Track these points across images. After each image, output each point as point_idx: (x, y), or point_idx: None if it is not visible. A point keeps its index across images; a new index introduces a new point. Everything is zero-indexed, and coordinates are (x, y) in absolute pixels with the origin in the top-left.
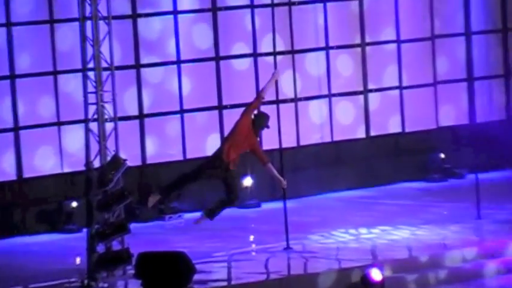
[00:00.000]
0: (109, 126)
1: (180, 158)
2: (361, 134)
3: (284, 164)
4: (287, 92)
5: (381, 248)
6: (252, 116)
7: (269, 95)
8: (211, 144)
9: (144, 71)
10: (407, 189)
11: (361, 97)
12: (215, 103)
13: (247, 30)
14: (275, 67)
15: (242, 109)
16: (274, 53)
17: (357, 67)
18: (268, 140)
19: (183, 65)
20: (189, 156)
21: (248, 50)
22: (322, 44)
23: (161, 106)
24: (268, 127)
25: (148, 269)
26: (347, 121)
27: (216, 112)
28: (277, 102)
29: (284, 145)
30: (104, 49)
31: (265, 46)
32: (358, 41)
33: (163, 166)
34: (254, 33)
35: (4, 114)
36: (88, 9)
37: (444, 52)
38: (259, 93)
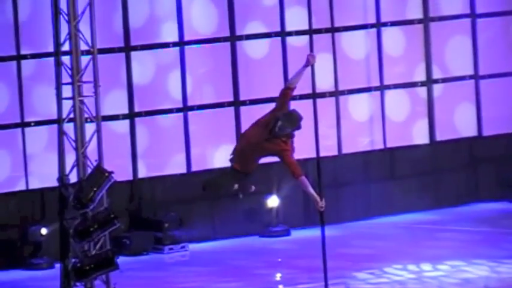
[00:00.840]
0: (90, 128)
1: (183, 170)
2: (423, 138)
3: (322, 178)
4: (322, 83)
5: None
6: (279, 115)
7: (300, 88)
8: (223, 151)
9: (135, 55)
10: (485, 211)
11: (424, 89)
12: (230, 98)
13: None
14: (311, 50)
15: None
16: (310, 31)
17: (417, 50)
18: (301, 147)
19: (186, 48)
20: (194, 168)
21: (265, 29)
22: (372, 20)
23: (158, 102)
24: (295, 130)
25: None
26: (404, 121)
27: (231, 109)
28: (312, 96)
29: (322, 153)
30: (84, 27)
31: (290, 24)
32: (419, 15)
33: (161, 181)
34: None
35: None
36: None
37: None
38: (286, 85)
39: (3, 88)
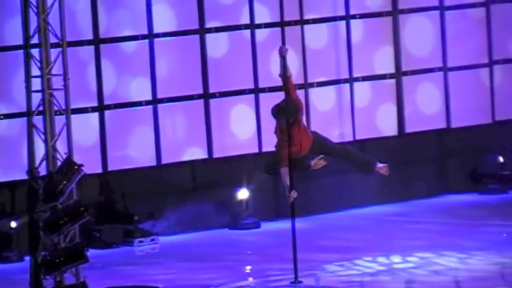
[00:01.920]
0: (59, 121)
1: (153, 163)
2: (392, 130)
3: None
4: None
5: (420, 282)
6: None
7: (271, 81)
8: (193, 143)
9: (106, 48)
10: (454, 203)
11: (392, 82)
12: (200, 91)
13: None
14: (283, 42)
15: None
16: (281, 24)
17: (386, 42)
18: (272, 139)
19: (156, 41)
20: (165, 161)
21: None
22: (341, 12)
23: (128, 95)
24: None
25: None
26: (373, 113)
27: (201, 102)
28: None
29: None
30: (53, 19)
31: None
32: (388, 7)
33: (131, 173)
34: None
35: None
36: None
37: (503, 21)
38: (287, 78)
39: None
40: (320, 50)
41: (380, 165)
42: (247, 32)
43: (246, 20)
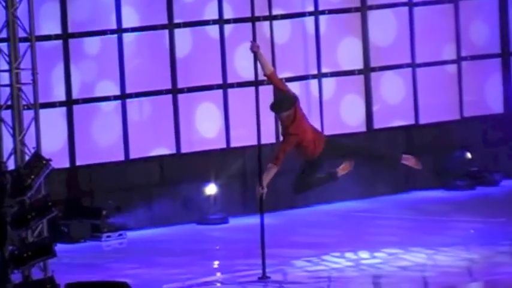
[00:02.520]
0: (27, 115)
1: (122, 158)
2: (360, 126)
3: (263, 165)
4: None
5: (387, 278)
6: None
7: (241, 76)
8: (161, 138)
9: (74, 42)
10: (421, 200)
11: (361, 77)
12: (168, 86)
13: None
14: (254, 38)
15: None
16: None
17: (355, 38)
18: (242, 134)
19: (125, 36)
20: (133, 155)
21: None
22: (310, 8)
23: (96, 90)
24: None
25: None
26: (341, 109)
27: (169, 97)
28: (255, 84)
29: (263, 140)
30: (22, 13)
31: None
32: (357, 3)
33: (100, 168)
34: None
35: None
36: None
37: (472, 18)
38: (268, 77)
39: None
40: (288, 46)
41: (406, 156)
42: (215, 28)
43: (214, 16)
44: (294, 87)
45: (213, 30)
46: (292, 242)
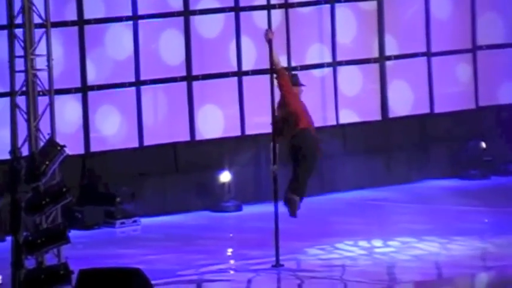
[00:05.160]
0: (42, 101)
1: (136, 144)
2: (375, 115)
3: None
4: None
5: (400, 267)
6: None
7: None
8: (177, 125)
9: (89, 29)
10: (435, 189)
11: (376, 66)
12: (183, 73)
13: None
14: (269, 26)
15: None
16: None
17: (371, 28)
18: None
19: (140, 22)
20: (147, 142)
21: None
22: None
23: (112, 76)
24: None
25: None
26: (356, 98)
27: (184, 84)
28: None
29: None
30: None
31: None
32: None
33: (113, 155)
34: None
35: None
36: None
37: (487, 7)
38: (274, 69)
39: None
40: (305, 35)
41: (291, 196)
42: (231, 15)
43: (230, 3)
44: (309, 76)
45: (229, 18)
46: (306, 230)
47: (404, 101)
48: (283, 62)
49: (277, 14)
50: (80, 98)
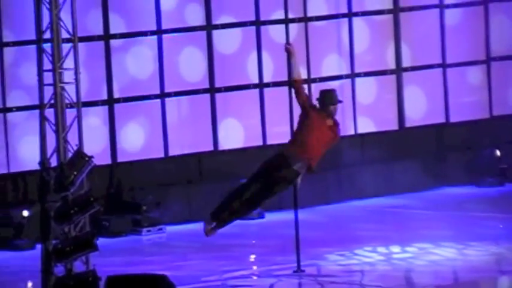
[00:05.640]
0: (70, 113)
1: (161, 155)
2: (392, 124)
3: None
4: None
5: (418, 272)
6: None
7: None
8: (200, 135)
9: (115, 43)
10: (452, 196)
11: (393, 78)
12: (206, 85)
13: None
14: (287, 41)
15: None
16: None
17: (387, 40)
18: (276, 133)
19: (164, 37)
20: (172, 152)
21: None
22: (344, 10)
23: (136, 89)
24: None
25: None
26: (374, 108)
27: (207, 96)
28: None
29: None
30: (65, 15)
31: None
32: (390, 6)
33: (139, 165)
34: None
35: None
36: None
37: (500, 20)
38: (293, 82)
39: None
40: (323, 48)
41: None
42: (252, 29)
43: (251, 17)
44: (326, 86)
45: (250, 32)
46: (326, 236)
47: (420, 110)
48: (304, 74)
49: (294, 28)
50: (106, 110)
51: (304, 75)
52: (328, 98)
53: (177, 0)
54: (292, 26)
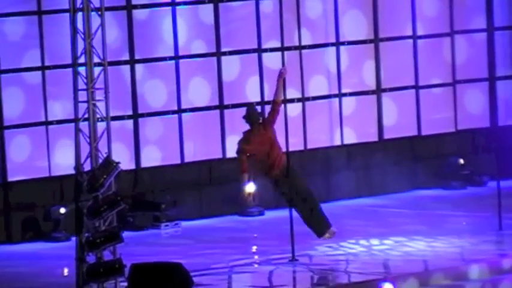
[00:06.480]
0: (101, 126)
1: (178, 161)
2: (373, 136)
3: (290, 168)
4: (291, 92)
5: (394, 261)
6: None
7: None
8: (211, 145)
9: (139, 67)
10: (422, 197)
11: (374, 97)
12: (216, 102)
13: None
14: (282, 64)
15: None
16: (282, 49)
17: (368, 64)
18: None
19: (181, 61)
20: (187, 159)
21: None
22: (332, 39)
23: (157, 105)
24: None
25: (141, 281)
26: (358, 123)
27: (216, 112)
28: (284, 102)
29: (291, 148)
30: (96, 43)
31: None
32: (371, 36)
33: (159, 170)
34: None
35: None
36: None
37: (464, 49)
38: (273, 103)
39: (31, 93)
40: (314, 71)
41: (332, 229)
42: (254, 56)
43: (253, 45)
44: (319, 104)
45: (253, 58)
46: None
47: (396, 124)
48: (299, 94)
49: (290, 54)
50: (131, 123)
51: (299, 94)
52: (255, 115)
53: (189, 34)
54: (288, 53)
